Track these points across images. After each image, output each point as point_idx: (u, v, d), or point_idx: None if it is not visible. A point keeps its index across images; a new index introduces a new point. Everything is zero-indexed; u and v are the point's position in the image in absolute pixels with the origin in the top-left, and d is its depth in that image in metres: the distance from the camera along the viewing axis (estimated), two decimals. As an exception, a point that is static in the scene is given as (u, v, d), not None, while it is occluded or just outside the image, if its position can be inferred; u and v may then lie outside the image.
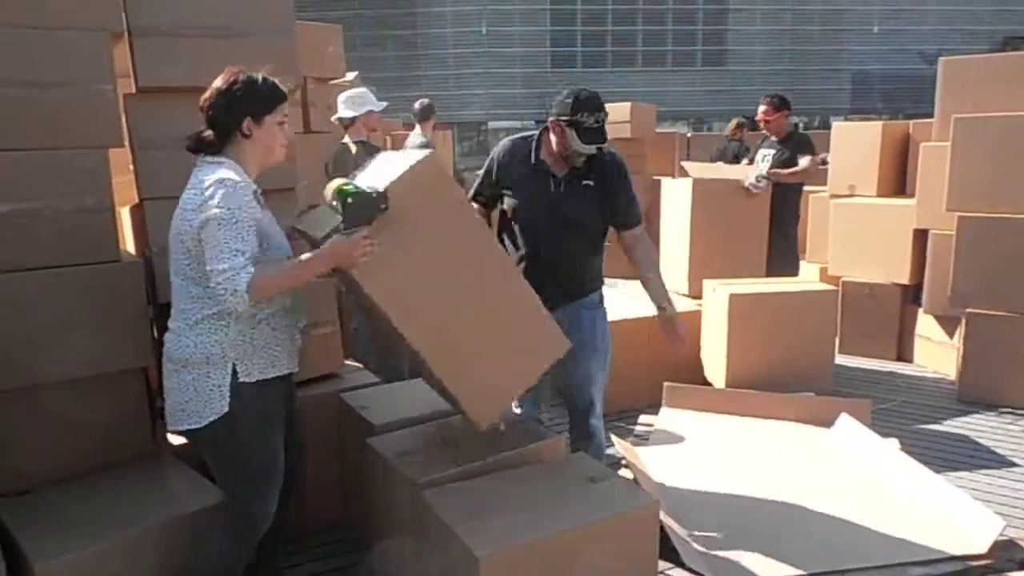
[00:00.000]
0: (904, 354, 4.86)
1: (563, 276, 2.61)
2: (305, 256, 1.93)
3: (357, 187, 1.88)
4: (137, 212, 2.67)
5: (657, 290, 2.72)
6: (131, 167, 2.60)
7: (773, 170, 4.61)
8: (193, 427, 1.98)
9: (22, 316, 2.26)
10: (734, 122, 7.74)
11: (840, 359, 4.73)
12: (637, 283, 2.78)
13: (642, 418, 3.69)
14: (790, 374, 3.65)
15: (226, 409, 1.94)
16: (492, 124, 26.27)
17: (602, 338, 2.74)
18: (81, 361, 2.37)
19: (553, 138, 2.57)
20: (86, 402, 2.44)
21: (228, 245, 1.82)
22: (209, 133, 1.99)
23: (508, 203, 2.66)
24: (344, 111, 4.27)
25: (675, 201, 4.49)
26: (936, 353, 4.63)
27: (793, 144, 4.71)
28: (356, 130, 4.22)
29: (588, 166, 2.59)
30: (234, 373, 1.95)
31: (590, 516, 1.87)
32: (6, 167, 2.22)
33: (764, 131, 4.93)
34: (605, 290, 2.82)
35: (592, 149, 2.48)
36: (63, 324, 2.32)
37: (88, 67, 2.33)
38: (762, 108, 4.80)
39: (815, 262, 5.35)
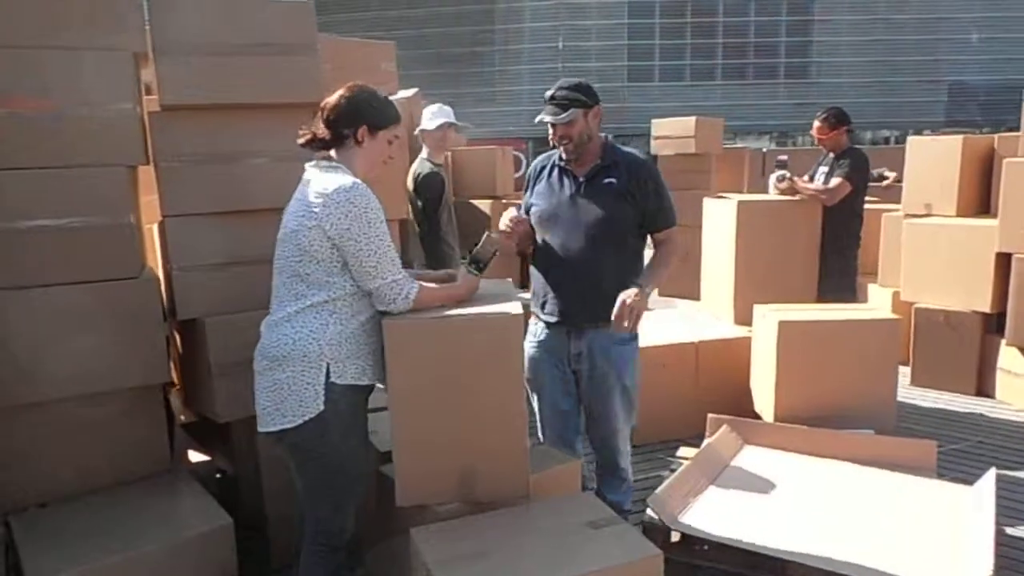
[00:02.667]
0: (984, 389, 4.45)
1: (586, 287, 2.46)
2: (454, 284, 2.15)
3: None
4: (162, 229, 2.70)
5: (652, 272, 2.50)
6: (158, 184, 2.62)
7: (794, 178, 4.34)
8: (287, 427, 1.97)
9: (42, 329, 2.30)
10: None
11: (911, 393, 4.39)
12: (694, 303, 2.68)
13: (682, 450, 3.48)
14: (847, 409, 3.37)
15: (321, 408, 1.94)
16: (568, 139, 26.13)
17: (629, 375, 2.56)
18: (97, 376, 2.38)
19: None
20: (102, 417, 2.46)
21: (385, 255, 1.94)
22: (324, 132, 2.05)
23: (534, 212, 2.58)
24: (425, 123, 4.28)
25: (718, 222, 4.25)
26: (1020, 389, 4.21)
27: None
28: (433, 149, 4.22)
29: (614, 165, 2.48)
30: (328, 373, 1.95)
31: (586, 566, 1.72)
32: (31, 185, 2.26)
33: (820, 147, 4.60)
34: (663, 310, 2.72)
35: (547, 117, 2.42)
36: (80, 338, 2.34)
37: (111, 86, 2.35)
38: (816, 124, 4.47)
39: (888, 286, 5.00)
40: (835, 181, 4.15)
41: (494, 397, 1.97)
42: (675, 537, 2.77)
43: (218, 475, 3.07)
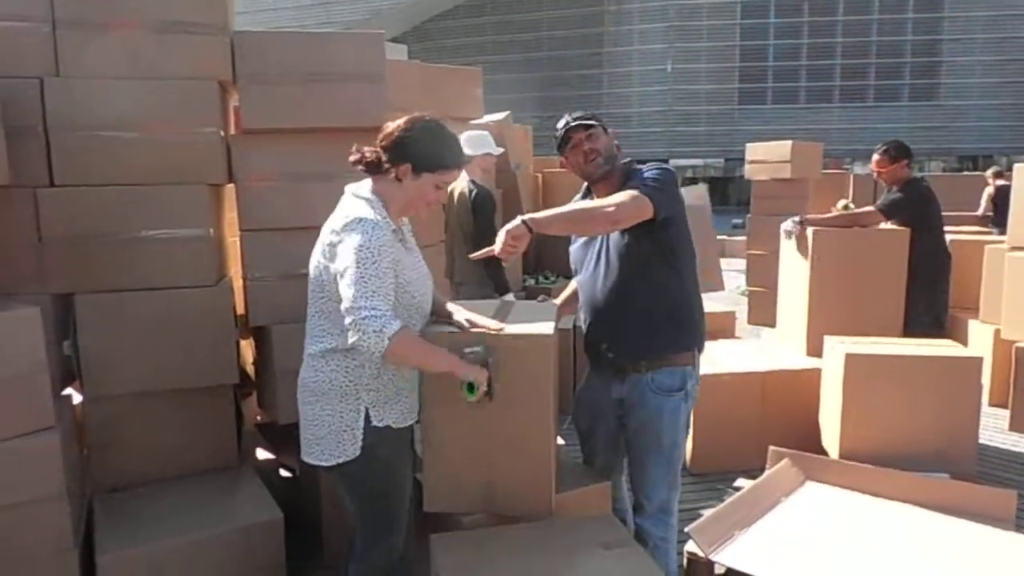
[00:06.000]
0: (1096, 438, 4.08)
1: (610, 331, 2.35)
2: (446, 354, 1.91)
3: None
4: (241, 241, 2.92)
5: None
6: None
7: (808, 216, 4.12)
8: (325, 464, 1.97)
9: (126, 329, 2.55)
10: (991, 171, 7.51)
11: (1008, 438, 4.09)
12: (774, 332, 2.58)
13: (739, 482, 3.39)
14: (920, 450, 3.19)
15: (358, 453, 1.93)
16: (674, 162, 25.93)
17: (668, 433, 2.36)
18: (172, 374, 2.61)
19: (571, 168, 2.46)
20: (176, 413, 2.69)
21: (367, 284, 1.74)
22: (371, 155, 1.96)
23: (571, 259, 2.56)
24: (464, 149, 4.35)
25: (794, 248, 4.12)
26: None
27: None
28: (471, 169, 4.30)
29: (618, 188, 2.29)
30: (367, 417, 1.95)
31: (590, 586, 1.75)
32: (125, 200, 2.53)
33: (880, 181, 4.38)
34: (741, 340, 2.64)
35: (572, 122, 2.36)
36: (159, 339, 2.58)
37: (197, 112, 2.60)
38: (876, 157, 4.25)
39: (989, 323, 4.67)
40: (865, 209, 3.96)
41: (523, 415, 2.01)
42: (719, 570, 2.71)
43: (287, 474, 3.27)
